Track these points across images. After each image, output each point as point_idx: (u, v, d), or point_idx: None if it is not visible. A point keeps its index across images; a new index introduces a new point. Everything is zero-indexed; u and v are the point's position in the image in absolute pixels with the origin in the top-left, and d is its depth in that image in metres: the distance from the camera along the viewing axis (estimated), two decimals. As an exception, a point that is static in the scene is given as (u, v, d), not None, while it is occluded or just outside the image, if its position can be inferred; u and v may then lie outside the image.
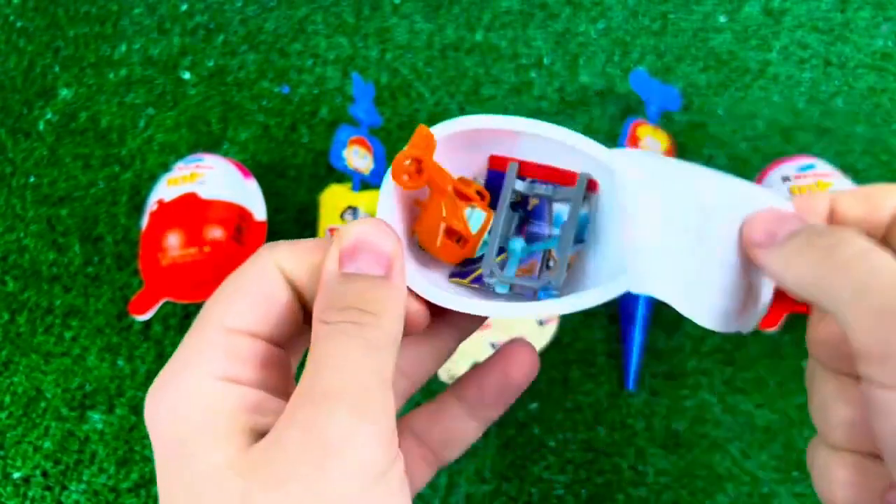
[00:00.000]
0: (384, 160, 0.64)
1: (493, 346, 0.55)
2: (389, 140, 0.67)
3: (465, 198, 0.27)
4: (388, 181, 0.27)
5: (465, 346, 0.29)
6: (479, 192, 0.27)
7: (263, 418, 0.20)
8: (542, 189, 0.27)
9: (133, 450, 0.57)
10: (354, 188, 0.61)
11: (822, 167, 0.58)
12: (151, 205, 0.59)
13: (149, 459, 0.56)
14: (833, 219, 0.22)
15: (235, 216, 0.58)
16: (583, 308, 0.24)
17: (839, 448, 0.21)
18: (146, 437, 0.57)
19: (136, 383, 0.59)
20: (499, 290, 0.26)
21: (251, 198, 0.60)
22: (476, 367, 0.28)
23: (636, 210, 0.23)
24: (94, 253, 0.64)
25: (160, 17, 0.74)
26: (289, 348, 0.24)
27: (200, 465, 0.19)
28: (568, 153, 0.26)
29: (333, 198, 0.61)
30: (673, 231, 0.23)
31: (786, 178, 0.58)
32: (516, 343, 0.27)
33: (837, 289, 0.18)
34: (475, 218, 0.26)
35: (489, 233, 0.27)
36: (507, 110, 0.68)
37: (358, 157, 0.61)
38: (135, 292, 0.60)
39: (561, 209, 0.27)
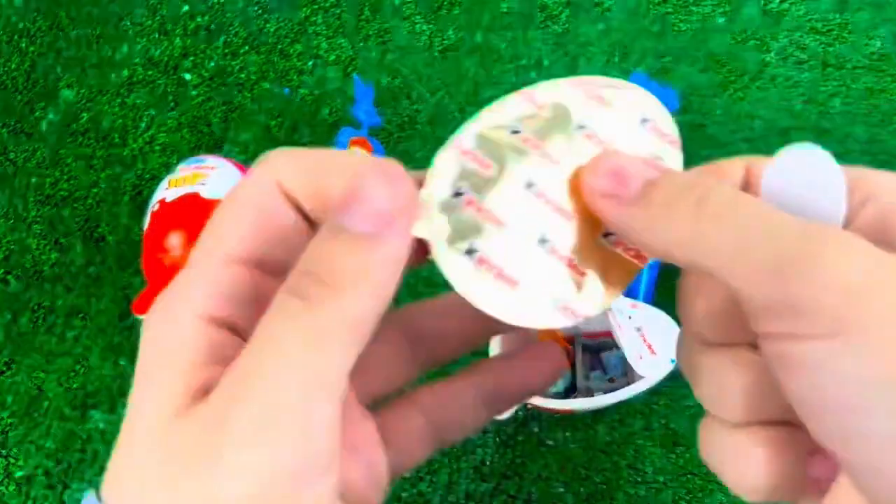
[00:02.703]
0: (385, 161, 0.64)
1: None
2: (390, 141, 0.67)
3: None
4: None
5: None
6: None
7: (216, 371, 0.18)
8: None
9: (135, 449, 0.57)
10: (355, 189, 0.61)
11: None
12: (153, 205, 0.59)
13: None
14: (749, 189, 0.19)
15: (237, 216, 0.58)
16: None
17: (743, 423, 0.19)
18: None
19: (138, 383, 0.59)
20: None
21: (252, 198, 0.60)
22: (500, 360, 0.26)
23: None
24: (96, 253, 0.64)
25: (162, 19, 0.74)
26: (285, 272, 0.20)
27: (140, 417, 0.17)
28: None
29: (334, 198, 0.61)
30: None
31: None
32: (547, 347, 0.25)
33: (717, 246, 0.16)
34: None
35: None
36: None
37: (358, 158, 0.62)
38: (136, 292, 0.60)
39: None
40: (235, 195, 0.19)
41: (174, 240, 0.56)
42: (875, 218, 0.18)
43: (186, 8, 0.74)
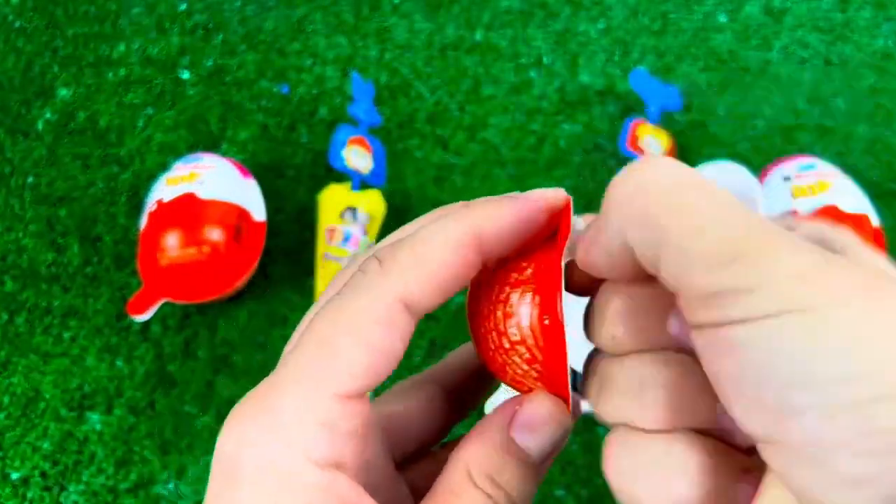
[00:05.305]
0: (384, 160, 0.64)
1: None
2: (389, 140, 0.67)
3: None
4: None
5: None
6: None
7: None
8: None
9: (132, 450, 0.57)
10: (354, 188, 0.61)
11: (823, 167, 0.58)
12: (150, 205, 0.58)
13: (147, 460, 0.56)
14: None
15: (234, 216, 0.58)
16: None
17: (666, 429, 0.18)
18: (145, 437, 0.57)
19: (135, 384, 0.58)
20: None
21: (250, 198, 0.60)
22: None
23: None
24: (93, 253, 0.64)
25: (159, 17, 0.74)
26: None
27: None
28: None
29: (333, 197, 0.61)
30: None
31: (787, 178, 0.58)
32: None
33: (668, 231, 0.16)
34: None
35: None
36: (507, 110, 0.68)
37: (357, 157, 0.61)
38: (134, 292, 0.60)
39: None
40: (353, 314, 0.17)
41: (171, 239, 0.56)
42: (811, 230, 0.19)
43: (184, 6, 0.74)
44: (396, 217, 0.63)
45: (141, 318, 0.57)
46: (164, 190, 0.58)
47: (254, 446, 0.17)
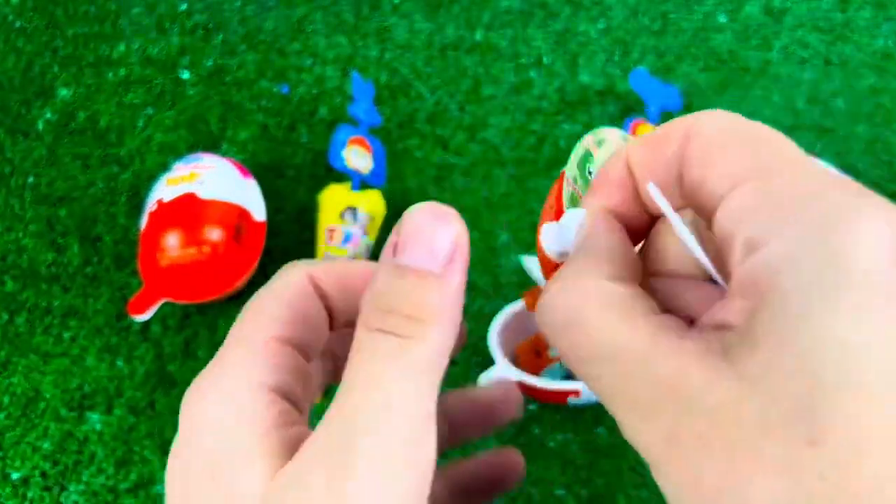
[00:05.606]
0: (384, 160, 0.64)
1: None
2: (389, 140, 0.67)
3: None
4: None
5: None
6: None
7: (291, 431, 0.19)
8: None
9: (132, 450, 0.57)
10: (354, 188, 0.61)
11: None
12: (151, 205, 0.59)
13: (147, 460, 0.56)
14: (630, 175, 0.20)
15: (235, 216, 0.58)
16: None
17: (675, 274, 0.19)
18: (145, 437, 0.57)
19: (135, 384, 0.58)
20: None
21: (250, 198, 0.60)
22: (471, 458, 0.27)
23: None
24: (93, 253, 0.64)
25: (159, 17, 0.74)
26: (312, 358, 0.23)
27: (233, 485, 0.18)
28: None
29: (333, 197, 0.61)
30: None
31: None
32: (511, 455, 0.27)
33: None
34: None
35: None
36: (506, 110, 0.68)
37: (357, 157, 0.61)
38: (134, 293, 0.60)
39: None
40: (274, 285, 0.22)
41: (171, 239, 0.56)
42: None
43: (184, 6, 0.74)
44: (396, 217, 0.63)
45: (141, 318, 0.57)
46: (165, 190, 0.58)
47: (201, 390, 0.20)
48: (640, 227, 0.20)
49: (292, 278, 0.22)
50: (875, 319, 0.14)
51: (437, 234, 0.19)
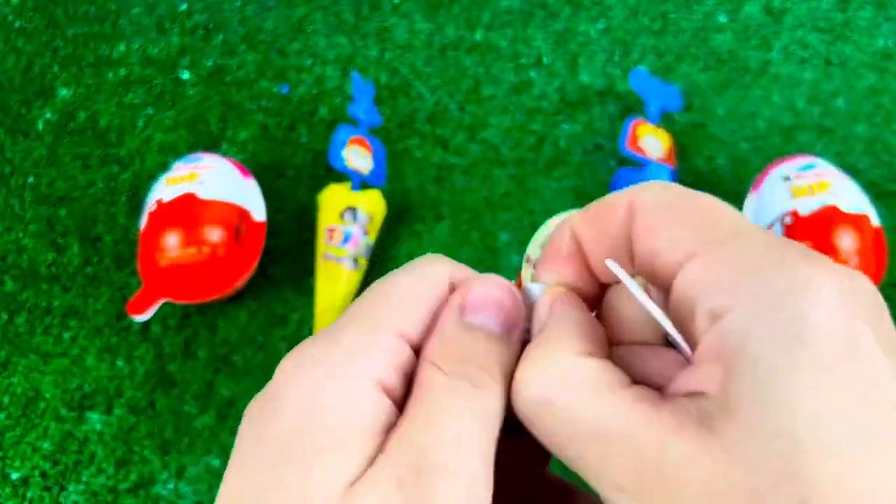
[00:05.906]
0: (384, 160, 0.64)
1: None
2: (389, 140, 0.67)
3: None
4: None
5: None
6: None
7: (382, 439, 0.19)
8: None
9: (132, 450, 0.57)
10: (354, 188, 0.61)
11: (823, 167, 0.58)
12: (150, 205, 0.58)
13: (147, 460, 0.56)
14: (579, 248, 0.21)
15: (234, 216, 0.58)
16: None
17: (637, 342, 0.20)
18: (145, 437, 0.57)
19: (135, 384, 0.58)
20: None
21: (250, 198, 0.60)
22: None
23: None
24: (93, 253, 0.64)
25: (159, 17, 0.74)
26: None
27: (313, 476, 0.18)
28: None
29: (333, 197, 0.61)
30: None
31: (786, 178, 0.58)
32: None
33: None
34: None
35: None
36: (506, 110, 0.68)
37: (357, 157, 0.61)
38: (134, 293, 0.60)
39: None
40: (413, 277, 0.21)
41: (171, 239, 0.56)
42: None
43: (184, 6, 0.74)
44: (396, 217, 0.63)
45: (141, 318, 0.57)
46: (164, 190, 0.58)
47: (317, 372, 0.19)
48: (593, 297, 0.21)
49: (437, 275, 0.21)
50: (842, 374, 0.15)
51: (509, 302, 0.21)
